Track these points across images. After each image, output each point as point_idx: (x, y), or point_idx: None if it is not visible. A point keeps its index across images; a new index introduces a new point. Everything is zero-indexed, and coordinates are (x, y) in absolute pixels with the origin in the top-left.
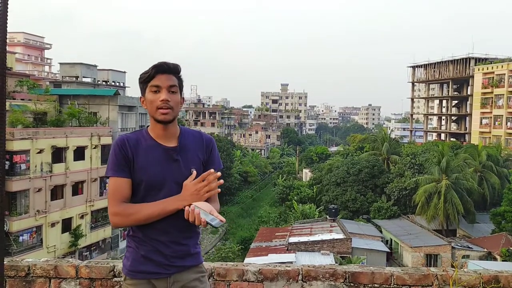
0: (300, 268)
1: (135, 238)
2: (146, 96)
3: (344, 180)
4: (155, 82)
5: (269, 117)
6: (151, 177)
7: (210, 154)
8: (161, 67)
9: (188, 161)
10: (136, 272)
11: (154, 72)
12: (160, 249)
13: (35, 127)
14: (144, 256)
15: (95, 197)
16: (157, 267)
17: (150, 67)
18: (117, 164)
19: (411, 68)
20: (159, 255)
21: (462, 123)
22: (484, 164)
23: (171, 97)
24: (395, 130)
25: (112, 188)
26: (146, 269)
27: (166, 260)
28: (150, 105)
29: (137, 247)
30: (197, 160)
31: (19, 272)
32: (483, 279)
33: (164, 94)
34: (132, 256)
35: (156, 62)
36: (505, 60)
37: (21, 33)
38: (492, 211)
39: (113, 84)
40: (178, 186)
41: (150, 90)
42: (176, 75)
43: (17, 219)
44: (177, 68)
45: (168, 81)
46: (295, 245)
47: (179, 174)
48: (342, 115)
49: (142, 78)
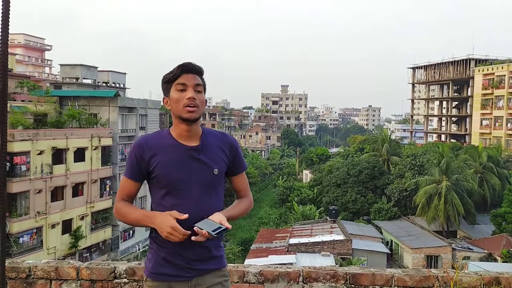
0: (301, 269)
1: (156, 240)
2: (171, 95)
3: (344, 181)
4: (181, 80)
5: (269, 118)
6: (171, 177)
7: (235, 156)
8: (186, 66)
9: (211, 161)
10: (157, 274)
11: (180, 72)
12: (180, 252)
13: (36, 128)
14: (165, 259)
15: (95, 199)
16: (178, 270)
17: (175, 67)
18: (130, 166)
19: (411, 69)
20: (179, 258)
21: (463, 124)
22: (485, 165)
23: (197, 96)
24: (395, 131)
25: (120, 186)
26: (166, 271)
27: (187, 263)
28: (176, 104)
29: (158, 249)
30: (220, 160)
31: (20, 274)
32: (484, 280)
33: (190, 92)
34: (154, 258)
35: (181, 63)
36: (505, 61)
37: (21, 35)
38: (493, 212)
39: (114, 85)
40: (199, 186)
41: (176, 88)
42: (200, 76)
43: (17, 220)
44: (201, 70)
45: (194, 80)
46: (295, 246)
47: (201, 174)
48: (342, 116)
49: (167, 78)
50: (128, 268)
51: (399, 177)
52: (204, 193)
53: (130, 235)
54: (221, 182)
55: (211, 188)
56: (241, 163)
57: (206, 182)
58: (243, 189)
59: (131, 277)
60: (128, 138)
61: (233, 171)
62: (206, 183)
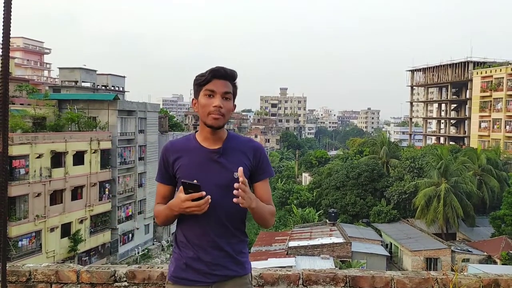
0: (301, 272)
1: (179, 243)
2: (200, 99)
3: (343, 184)
4: (210, 86)
5: (268, 121)
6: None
7: (259, 162)
8: (218, 72)
9: (231, 164)
10: (178, 278)
11: (210, 77)
12: (201, 256)
13: (34, 131)
14: (186, 264)
15: (95, 202)
16: (198, 275)
17: (207, 70)
18: (160, 170)
19: (410, 72)
20: (200, 263)
21: (461, 126)
22: (484, 167)
23: (224, 104)
24: (394, 134)
25: (156, 191)
26: (187, 276)
27: (207, 268)
28: (202, 109)
29: (180, 254)
30: (242, 164)
31: (20, 277)
32: (483, 282)
33: (217, 100)
34: (176, 262)
35: (214, 67)
36: (503, 64)
37: (20, 38)
38: (492, 215)
39: (113, 88)
40: (218, 188)
41: (204, 94)
42: (232, 82)
43: (16, 224)
44: (233, 75)
45: (224, 87)
46: (295, 249)
47: (220, 176)
48: (341, 119)
49: (198, 80)
50: (128, 271)
51: (398, 179)
52: (225, 195)
53: (129, 238)
54: None
55: (231, 191)
56: (265, 169)
57: (226, 185)
58: (266, 198)
59: (131, 281)
60: (127, 141)
61: (256, 177)
62: (226, 185)
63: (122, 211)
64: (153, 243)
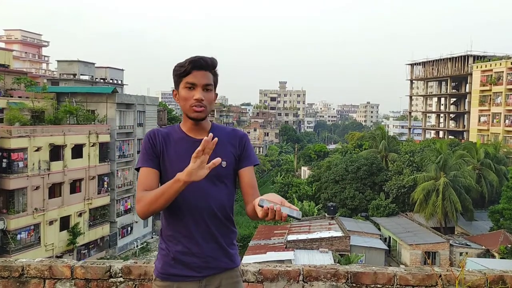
0: (301, 268)
1: (166, 237)
2: (180, 91)
3: (342, 177)
4: (190, 79)
5: (267, 115)
6: (178, 168)
7: (243, 149)
8: (197, 62)
9: (218, 154)
10: (166, 275)
11: (190, 68)
12: (191, 249)
13: (33, 124)
14: (175, 258)
15: (93, 195)
16: (188, 270)
17: (187, 61)
18: (145, 155)
19: (409, 66)
20: (190, 256)
21: (461, 120)
22: (482, 161)
23: (205, 96)
24: (393, 128)
25: (139, 179)
26: (176, 272)
27: (198, 260)
28: (184, 102)
29: (168, 248)
30: (229, 154)
31: (12, 273)
32: (488, 279)
33: (198, 93)
34: (163, 258)
35: (193, 57)
36: (503, 58)
37: (18, 31)
38: (490, 209)
39: (111, 81)
40: (208, 178)
41: (184, 86)
42: (212, 71)
43: (14, 217)
44: (214, 64)
45: (204, 79)
46: (293, 243)
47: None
48: (340, 112)
49: (177, 71)
50: (124, 267)
51: (397, 173)
52: (212, 185)
53: (128, 231)
54: (230, 176)
55: (219, 180)
56: (250, 157)
57: (214, 174)
58: (253, 185)
59: (126, 276)
60: (126, 134)
61: (241, 163)
62: (213, 175)
63: (121, 204)
64: (152, 237)
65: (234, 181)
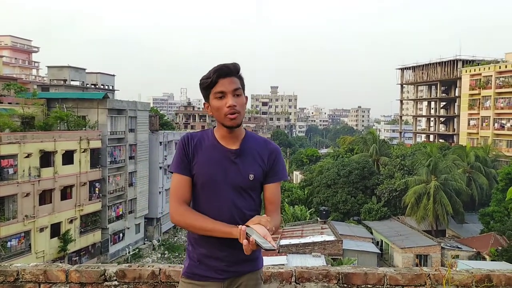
0: (293, 269)
1: (193, 240)
2: (211, 102)
3: (334, 181)
4: (219, 88)
5: (259, 120)
6: (206, 177)
7: (273, 164)
8: (222, 70)
9: (247, 165)
10: (191, 274)
11: (216, 77)
12: (214, 253)
13: (23, 131)
14: (199, 260)
15: (84, 202)
16: (211, 271)
17: (211, 71)
18: (178, 160)
19: (400, 70)
20: (213, 259)
21: (451, 124)
22: (472, 165)
23: (237, 101)
24: (384, 132)
25: (174, 185)
26: (200, 272)
27: (221, 264)
28: (217, 112)
29: (193, 251)
30: (257, 167)
31: (7, 277)
32: (475, 278)
33: (230, 100)
34: (190, 258)
35: (216, 66)
36: (491, 62)
37: (8, 37)
38: (481, 211)
39: (102, 87)
40: (233, 188)
41: (214, 96)
42: (237, 75)
43: (4, 224)
44: (237, 68)
45: (232, 84)
46: (286, 248)
47: (235, 176)
48: (332, 117)
49: (204, 84)
50: (119, 270)
51: (389, 177)
52: (239, 196)
53: (120, 238)
54: (257, 188)
55: (245, 192)
56: (278, 172)
57: (241, 186)
58: (274, 201)
59: (121, 280)
60: (117, 140)
61: (268, 179)
62: (240, 186)
63: (113, 210)
64: (144, 243)
65: (260, 193)
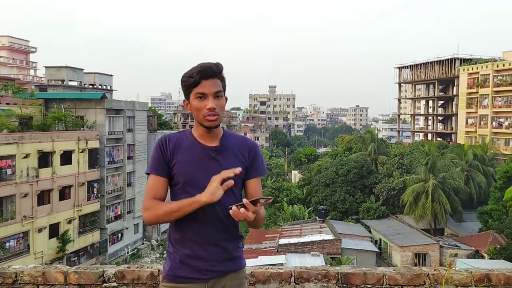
0: (293, 270)
1: (174, 241)
2: (192, 102)
3: (333, 181)
4: (200, 89)
5: (257, 119)
6: (189, 176)
7: (253, 159)
8: (205, 72)
9: (229, 162)
10: (173, 276)
11: (198, 78)
12: (197, 253)
13: (21, 131)
14: (182, 261)
15: (83, 202)
16: (194, 272)
17: (194, 71)
18: (155, 162)
19: (397, 69)
20: (196, 260)
21: (449, 123)
22: (471, 163)
23: (217, 103)
24: (382, 131)
25: (148, 186)
26: (183, 274)
27: (204, 264)
28: (197, 112)
29: (175, 252)
30: (239, 163)
31: (6, 279)
32: (474, 277)
33: (210, 102)
34: (171, 261)
35: (200, 66)
36: (489, 60)
37: (5, 37)
38: (479, 210)
39: (100, 87)
40: None
41: (195, 96)
42: (220, 76)
43: (2, 225)
44: (220, 69)
45: (213, 86)
46: (285, 247)
47: (217, 173)
48: (330, 116)
49: (186, 82)
50: (117, 271)
51: (387, 176)
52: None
53: (119, 238)
54: (238, 184)
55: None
56: (258, 167)
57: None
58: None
59: (120, 281)
60: (115, 140)
61: (249, 174)
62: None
63: (111, 210)
64: (142, 243)
65: (241, 189)
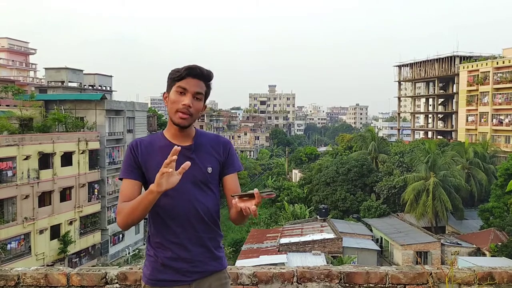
0: (295, 269)
1: (155, 244)
2: (170, 95)
3: (333, 179)
4: (183, 84)
5: (257, 119)
6: None
7: (228, 155)
8: (194, 70)
9: (204, 159)
10: (155, 280)
11: (185, 74)
12: (180, 254)
13: (21, 133)
14: (164, 264)
15: (84, 203)
16: (178, 274)
17: (183, 67)
18: (127, 166)
19: (397, 67)
20: (179, 261)
21: (449, 120)
22: (471, 161)
23: (194, 104)
24: (382, 129)
25: (121, 190)
26: (166, 277)
27: (187, 265)
28: (171, 105)
29: (156, 255)
30: (214, 160)
31: (8, 282)
32: (477, 276)
33: (188, 99)
34: (152, 265)
35: (191, 64)
36: (489, 58)
37: (5, 39)
38: (480, 207)
39: (100, 88)
40: (193, 184)
41: (176, 90)
42: (206, 82)
43: (4, 227)
44: (209, 75)
45: (196, 87)
46: (286, 246)
47: (194, 172)
48: (330, 115)
49: (172, 75)
50: (120, 273)
51: (388, 174)
52: (199, 190)
53: (120, 238)
54: (215, 181)
55: (205, 186)
56: (233, 163)
57: (200, 181)
58: (236, 192)
59: (122, 282)
60: (115, 141)
61: (225, 170)
62: (200, 181)
63: (112, 211)
64: (143, 243)
65: (219, 187)
